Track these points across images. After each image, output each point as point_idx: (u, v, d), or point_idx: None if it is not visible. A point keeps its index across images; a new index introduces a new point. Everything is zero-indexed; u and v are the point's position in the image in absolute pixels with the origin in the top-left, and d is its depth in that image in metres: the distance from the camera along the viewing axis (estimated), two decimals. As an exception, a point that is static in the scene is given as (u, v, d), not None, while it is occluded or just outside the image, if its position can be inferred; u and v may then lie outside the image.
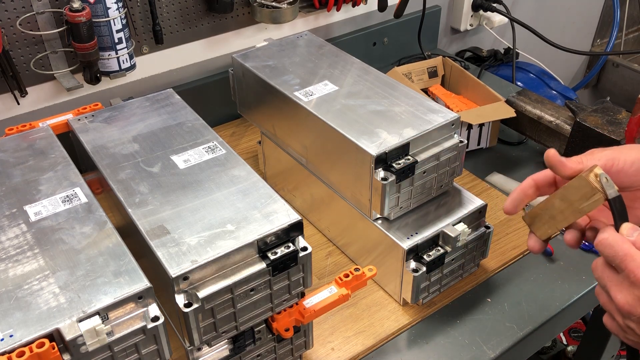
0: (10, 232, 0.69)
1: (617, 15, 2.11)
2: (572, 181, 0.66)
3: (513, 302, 0.96)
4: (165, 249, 0.67)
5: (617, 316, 0.60)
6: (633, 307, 0.57)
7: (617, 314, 0.60)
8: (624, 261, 0.57)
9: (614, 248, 0.58)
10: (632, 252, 0.57)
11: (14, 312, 0.59)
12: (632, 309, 0.57)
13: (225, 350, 0.75)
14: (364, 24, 1.55)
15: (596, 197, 0.64)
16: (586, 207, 0.65)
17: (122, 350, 0.62)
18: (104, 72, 1.12)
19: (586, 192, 0.64)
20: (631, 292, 0.57)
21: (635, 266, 0.56)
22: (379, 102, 0.95)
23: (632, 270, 0.56)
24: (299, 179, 1.08)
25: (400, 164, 0.85)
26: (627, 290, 0.57)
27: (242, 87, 1.10)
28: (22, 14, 1.05)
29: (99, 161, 0.81)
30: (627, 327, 0.59)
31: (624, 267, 0.57)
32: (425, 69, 1.43)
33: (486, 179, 1.21)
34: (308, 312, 0.75)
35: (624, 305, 0.58)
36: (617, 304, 0.58)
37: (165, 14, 1.21)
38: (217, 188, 0.76)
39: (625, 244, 0.58)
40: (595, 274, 0.62)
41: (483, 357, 0.87)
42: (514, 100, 1.26)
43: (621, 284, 0.58)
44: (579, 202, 0.65)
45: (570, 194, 0.66)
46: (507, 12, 1.66)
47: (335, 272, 1.01)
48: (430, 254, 0.89)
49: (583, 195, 0.65)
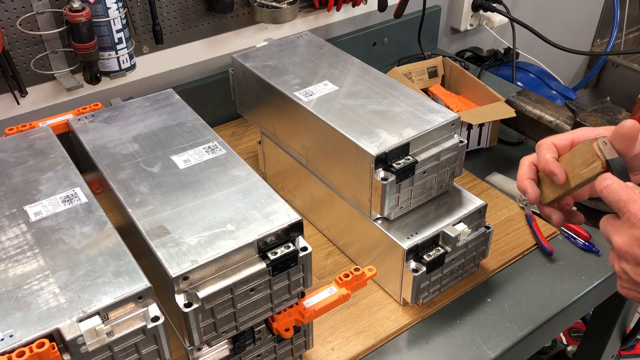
0: (10, 232, 0.69)
1: (617, 15, 2.11)
2: (579, 145, 0.65)
3: (513, 302, 0.96)
4: (165, 249, 0.67)
5: (615, 263, 0.61)
6: (630, 247, 0.58)
7: (615, 261, 0.61)
8: (626, 204, 0.58)
9: (618, 193, 0.59)
10: (636, 197, 0.58)
11: (14, 312, 0.59)
12: (628, 249, 0.58)
13: (225, 350, 0.75)
14: (364, 24, 1.55)
15: (595, 164, 0.63)
16: (585, 173, 0.64)
17: (122, 350, 0.62)
18: (104, 72, 1.13)
19: (587, 157, 0.63)
20: (629, 234, 0.58)
21: (636, 209, 0.57)
22: (379, 102, 0.95)
23: (633, 213, 0.57)
24: (299, 179, 1.08)
25: (400, 164, 0.85)
26: (625, 232, 0.59)
27: (242, 87, 1.10)
28: (22, 14, 1.05)
29: (99, 161, 0.81)
30: (623, 271, 0.60)
31: (625, 210, 0.58)
32: (425, 69, 1.43)
33: (486, 179, 1.21)
34: (308, 312, 0.75)
35: (621, 246, 0.59)
36: (615, 245, 0.60)
37: (165, 14, 1.21)
38: (217, 188, 0.76)
39: (629, 190, 0.59)
40: (601, 227, 0.63)
41: (483, 357, 0.87)
42: (514, 100, 1.26)
43: (621, 227, 0.59)
44: (580, 167, 0.64)
45: (575, 158, 0.65)
46: (507, 12, 1.66)
47: (335, 272, 1.01)
48: (430, 254, 0.89)
49: (585, 161, 0.64)
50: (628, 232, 0.58)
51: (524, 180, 0.71)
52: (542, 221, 1.09)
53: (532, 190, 0.70)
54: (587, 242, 1.05)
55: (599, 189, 0.62)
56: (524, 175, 0.71)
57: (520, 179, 0.71)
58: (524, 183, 0.70)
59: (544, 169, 0.68)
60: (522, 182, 0.71)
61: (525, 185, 0.70)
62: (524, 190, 0.71)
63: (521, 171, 0.71)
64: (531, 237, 1.06)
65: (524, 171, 0.71)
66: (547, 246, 1.03)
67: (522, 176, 0.71)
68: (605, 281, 1.00)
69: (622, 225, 0.59)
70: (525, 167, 0.71)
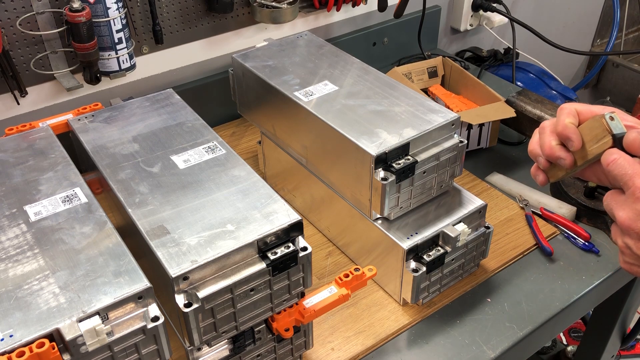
0: (10, 232, 0.69)
1: (617, 15, 2.11)
2: (588, 122, 0.64)
3: (513, 302, 0.96)
4: (165, 249, 0.67)
5: (618, 238, 0.61)
6: (633, 221, 0.58)
7: (618, 236, 0.61)
8: (632, 178, 0.58)
9: (624, 167, 0.59)
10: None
11: (14, 312, 0.59)
12: (632, 223, 0.58)
13: (225, 350, 0.75)
14: (364, 24, 1.55)
15: (605, 139, 0.61)
16: (595, 149, 0.62)
17: (122, 350, 0.62)
18: (104, 72, 1.12)
19: (597, 133, 0.62)
20: (633, 208, 0.58)
21: None
22: (379, 102, 0.95)
23: (638, 187, 0.57)
24: (299, 179, 1.08)
25: (400, 164, 0.85)
26: (629, 207, 0.58)
27: (242, 87, 1.10)
28: (22, 14, 1.05)
29: (99, 161, 0.81)
30: (626, 246, 0.60)
31: (630, 184, 0.58)
32: (425, 69, 1.43)
33: (486, 179, 1.21)
34: (308, 312, 0.75)
35: (624, 220, 0.59)
36: (618, 220, 0.59)
37: (165, 14, 1.21)
38: (217, 188, 0.76)
39: (635, 164, 0.59)
40: (605, 202, 0.63)
41: (483, 357, 0.87)
42: (514, 100, 1.26)
43: (625, 202, 0.59)
44: (589, 143, 0.62)
45: (585, 134, 0.63)
46: (507, 12, 1.66)
47: (335, 272, 1.01)
48: (430, 254, 0.89)
49: (594, 137, 0.62)
50: (632, 206, 0.58)
51: (551, 147, 0.66)
52: (542, 221, 1.10)
53: (576, 138, 0.64)
54: (587, 242, 1.05)
55: (605, 164, 0.61)
56: (547, 141, 0.67)
57: (543, 143, 0.67)
58: (553, 149, 0.66)
59: (562, 132, 0.65)
60: (549, 147, 0.66)
61: (554, 150, 0.66)
62: (550, 152, 0.66)
63: (543, 137, 0.68)
64: (531, 237, 1.06)
65: (547, 137, 0.67)
66: (547, 246, 1.03)
67: (545, 141, 0.67)
68: (605, 281, 1.00)
69: (627, 200, 0.59)
70: (547, 133, 0.68)
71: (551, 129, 0.67)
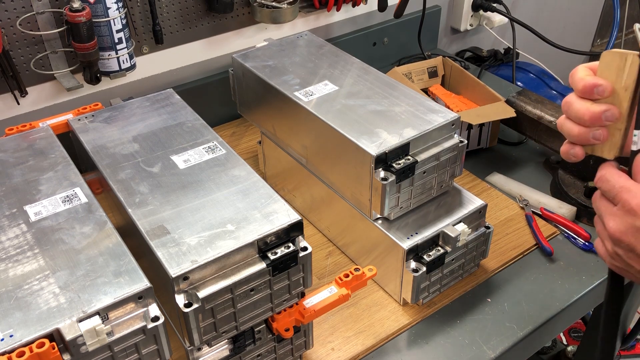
0: (10, 232, 0.69)
1: (617, 15, 2.10)
2: (601, 63, 0.58)
3: (513, 302, 0.96)
4: (165, 249, 0.67)
5: (607, 243, 0.62)
6: (623, 234, 0.58)
7: (607, 241, 0.62)
8: (619, 193, 0.59)
9: (610, 182, 0.60)
10: (628, 185, 0.59)
11: (14, 312, 0.59)
12: (622, 236, 0.59)
13: (225, 350, 0.75)
14: (364, 24, 1.55)
15: (630, 58, 0.56)
16: (626, 77, 0.57)
17: (122, 350, 0.62)
18: (104, 72, 1.13)
19: (618, 63, 0.57)
20: (624, 221, 0.58)
21: (630, 196, 0.58)
22: (379, 102, 0.95)
23: (626, 200, 0.58)
24: (299, 179, 1.08)
25: (400, 164, 0.85)
26: (620, 219, 0.59)
27: (242, 87, 1.10)
28: (22, 14, 1.05)
29: (99, 161, 0.81)
30: (615, 253, 0.61)
31: (619, 199, 0.59)
32: (425, 69, 1.43)
33: (486, 179, 1.21)
34: (308, 312, 0.75)
35: (614, 232, 0.59)
36: (609, 230, 0.60)
37: (165, 14, 1.21)
38: (217, 188, 0.76)
39: (621, 177, 0.59)
40: (594, 204, 0.63)
41: (483, 357, 0.87)
42: (514, 100, 1.26)
43: (615, 213, 0.60)
44: (618, 79, 0.57)
45: (608, 75, 0.58)
46: (507, 12, 1.66)
47: (335, 272, 1.01)
48: (430, 254, 0.89)
49: (618, 69, 0.57)
50: (623, 219, 0.58)
51: (588, 108, 0.59)
52: (542, 221, 1.10)
53: (602, 81, 0.58)
54: (587, 242, 1.05)
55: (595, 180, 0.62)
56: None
57: (578, 112, 0.60)
58: (591, 109, 0.59)
59: (586, 86, 0.59)
60: (586, 110, 0.59)
61: (593, 108, 0.59)
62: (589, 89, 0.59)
63: (575, 107, 0.61)
64: (531, 237, 1.06)
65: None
66: (547, 246, 1.03)
67: (579, 109, 0.60)
68: (605, 281, 1.00)
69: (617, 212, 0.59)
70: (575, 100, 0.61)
71: (576, 96, 0.61)
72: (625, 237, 0.58)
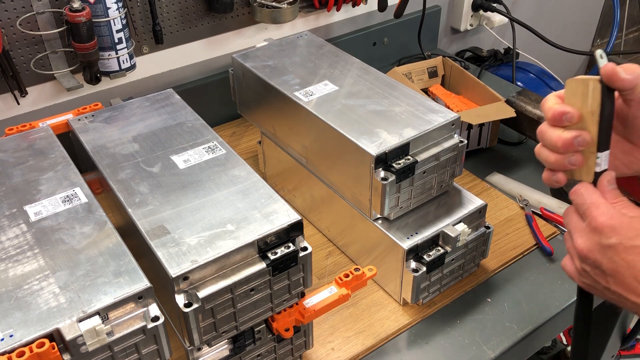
0: (10, 232, 0.69)
1: (617, 15, 2.10)
2: (566, 90, 0.60)
3: (513, 302, 0.96)
4: (165, 249, 0.67)
5: (575, 259, 0.62)
6: (590, 251, 0.59)
7: (576, 258, 0.62)
8: (589, 208, 0.59)
9: (583, 196, 0.60)
10: (598, 202, 0.59)
11: (14, 312, 0.59)
12: (589, 254, 0.59)
13: (225, 350, 0.75)
14: (364, 24, 1.55)
15: (592, 84, 0.58)
16: (591, 102, 0.58)
17: (122, 350, 0.62)
18: (104, 72, 1.13)
19: (582, 89, 0.59)
20: (591, 238, 0.59)
21: (598, 213, 0.58)
22: (379, 102, 0.95)
23: (594, 217, 0.58)
24: (299, 179, 1.08)
25: (400, 164, 0.85)
26: (587, 236, 0.59)
27: (242, 87, 1.10)
28: (22, 14, 1.05)
29: (99, 161, 0.81)
30: (583, 270, 0.61)
31: (588, 214, 0.59)
32: (425, 69, 1.43)
33: (486, 179, 1.21)
34: (308, 312, 0.75)
35: (582, 249, 0.60)
36: (577, 247, 0.60)
37: (165, 14, 1.21)
38: (217, 188, 0.76)
39: (594, 194, 0.60)
40: (565, 219, 0.64)
41: (483, 357, 0.87)
42: (514, 100, 1.26)
43: (583, 230, 0.60)
44: (584, 104, 0.59)
45: (574, 102, 0.59)
46: (507, 12, 1.66)
47: (335, 272, 1.01)
48: (430, 254, 0.89)
49: (582, 95, 0.59)
50: (589, 236, 0.59)
51: (560, 136, 0.61)
52: (542, 221, 1.10)
53: (569, 108, 0.59)
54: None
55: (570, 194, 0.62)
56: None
57: (550, 139, 0.62)
58: (562, 136, 0.60)
59: (554, 114, 0.60)
60: (558, 138, 0.60)
61: (564, 136, 0.60)
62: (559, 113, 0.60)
63: (548, 135, 0.62)
64: (531, 237, 1.06)
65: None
66: (547, 246, 1.03)
67: (552, 137, 0.62)
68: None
69: (585, 229, 0.60)
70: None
71: (548, 125, 0.63)
72: (591, 254, 0.59)
